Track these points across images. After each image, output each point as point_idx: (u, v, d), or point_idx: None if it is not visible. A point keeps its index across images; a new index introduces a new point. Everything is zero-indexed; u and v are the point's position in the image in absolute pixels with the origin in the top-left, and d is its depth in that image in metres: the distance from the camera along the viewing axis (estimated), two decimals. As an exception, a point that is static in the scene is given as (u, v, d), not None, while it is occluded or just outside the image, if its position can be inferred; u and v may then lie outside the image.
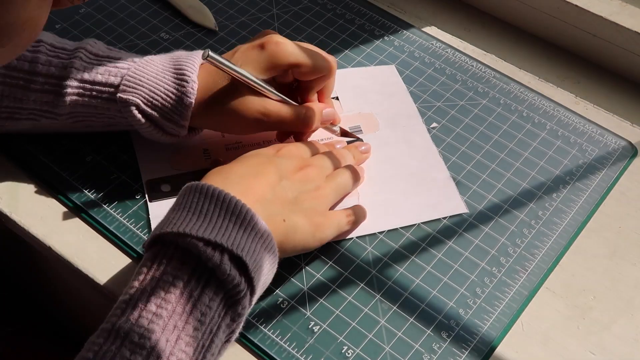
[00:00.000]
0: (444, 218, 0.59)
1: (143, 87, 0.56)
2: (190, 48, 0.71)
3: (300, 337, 0.52)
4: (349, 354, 0.51)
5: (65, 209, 0.59)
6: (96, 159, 0.62)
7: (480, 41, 0.73)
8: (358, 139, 0.63)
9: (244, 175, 0.51)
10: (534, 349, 0.52)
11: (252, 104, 0.56)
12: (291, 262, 0.56)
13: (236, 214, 0.46)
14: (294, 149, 0.56)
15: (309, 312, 0.53)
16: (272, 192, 0.51)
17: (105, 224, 0.58)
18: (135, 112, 0.55)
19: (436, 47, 0.72)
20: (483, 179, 0.61)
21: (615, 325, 0.54)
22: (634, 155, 0.64)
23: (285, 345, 0.52)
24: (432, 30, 0.74)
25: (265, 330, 0.52)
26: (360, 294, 0.54)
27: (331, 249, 0.57)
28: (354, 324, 0.53)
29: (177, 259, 0.45)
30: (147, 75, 0.56)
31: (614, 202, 0.61)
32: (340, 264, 0.56)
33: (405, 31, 0.73)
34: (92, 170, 0.61)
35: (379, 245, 0.57)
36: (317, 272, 0.55)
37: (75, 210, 0.59)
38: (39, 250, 0.58)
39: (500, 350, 0.52)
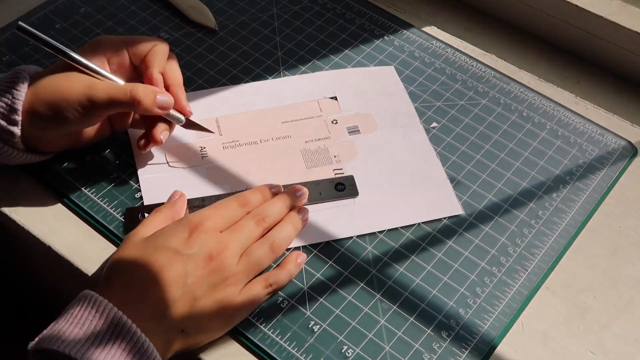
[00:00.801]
0: (444, 218, 0.59)
1: None
2: (190, 48, 0.71)
3: (300, 336, 0.52)
4: (349, 353, 0.51)
5: (65, 209, 0.59)
6: (96, 159, 0.62)
7: (480, 41, 0.73)
8: (209, 131, 0.62)
9: (143, 282, 0.48)
10: (534, 349, 0.52)
11: (76, 80, 0.55)
12: (291, 262, 0.56)
13: (127, 339, 0.45)
14: (208, 228, 0.51)
15: (309, 312, 0.53)
16: (171, 302, 0.48)
17: (105, 224, 0.58)
18: None
19: (436, 47, 0.72)
20: (483, 179, 0.61)
21: (615, 325, 0.54)
22: (634, 155, 0.64)
23: (285, 345, 0.52)
24: (432, 30, 0.74)
25: (265, 330, 0.52)
26: (360, 294, 0.54)
27: (331, 249, 0.57)
28: (354, 323, 0.53)
29: None
30: None
31: (614, 202, 0.61)
32: (340, 264, 0.56)
33: (405, 31, 0.73)
34: (92, 170, 0.61)
35: (379, 245, 0.57)
36: (317, 272, 0.55)
37: (75, 210, 0.59)
38: (39, 250, 0.58)
39: (500, 349, 0.52)
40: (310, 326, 0.53)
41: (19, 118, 0.54)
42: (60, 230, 0.58)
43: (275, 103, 0.66)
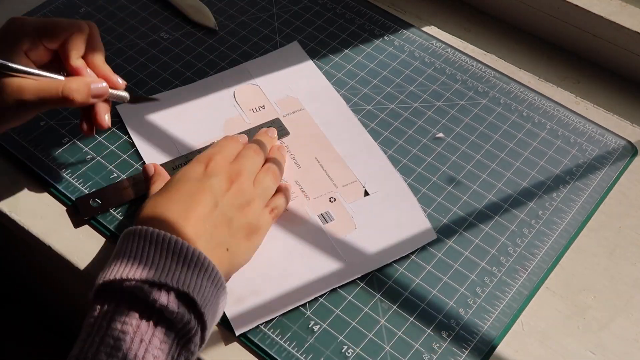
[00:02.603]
0: (444, 218, 0.59)
1: None
2: (190, 47, 0.71)
3: (300, 336, 0.52)
4: (349, 353, 0.51)
5: (65, 209, 0.59)
6: (96, 158, 0.62)
7: (480, 41, 0.73)
8: (154, 99, 0.63)
9: (179, 211, 0.50)
10: (534, 349, 0.52)
11: (5, 87, 0.52)
12: (291, 262, 0.56)
13: (177, 252, 0.46)
14: (220, 160, 0.55)
15: (309, 312, 0.53)
16: (210, 222, 0.50)
17: (105, 224, 0.58)
18: None
19: (436, 47, 0.72)
20: (483, 179, 0.61)
21: (615, 325, 0.54)
22: (634, 155, 0.64)
23: (285, 345, 0.52)
24: (432, 30, 0.74)
25: (265, 330, 0.52)
26: (360, 294, 0.54)
27: (331, 249, 0.57)
28: (354, 323, 0.53)
29: (124, 305, 0.44)
30: None
31: (614, 202, 0.61)
32: (340, 264, 0.56)
33: (405, 31, 0.73)
34: (92, 169, 0.61)
35: (379, 245, 0.57)
36: (317, 272, 0.55)
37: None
38: (39, 250, 0.58)
39: (500, 349, 0.52)
40: (310, 326, 0.53)
41: None
42: (60, 229, 0.58)
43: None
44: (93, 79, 0.55)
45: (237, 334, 0.52)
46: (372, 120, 0.65)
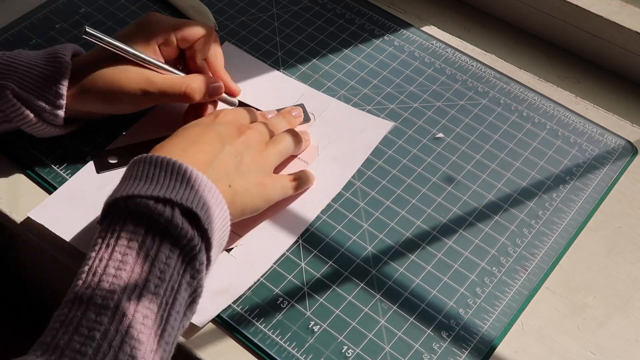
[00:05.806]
0: (445, 217, 0.59)
1: (16, 72, 0.57)
2: (190, 48, 0.71)
3: (300, 336, 0.52)
4: (349, 353, 0.51)
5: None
6: (96, 159, 0.62)
7: (480, 41, 0.73)
8: (258, 110, 0.63)
9: (186, 145, 0.52)
10: (533, 349, 0.52)
11: (134, 74, 0.57)
12: (291, 261, 0.56)
13: (181, 174, 0.48)
14: (231, 115, 0.57)
15: (309, 312, 0.53)
16: (215, 159, 0.52)
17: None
18: (11, 96, 0.56)
19: (436, 47, 0.72)
20: (483, 179, 0.61)
21: (615, 325, 0.54)
22: (634, 154, 0.64)
23: (285, 345, 0.52)
24: (432, 30, 0.74)
25: (265, 330, 0.52)
26: (360, 294, 0.54)
27: (331, 248, 0.57)
28: (354, 323, 0.53)
29: (130, 222, 0.45)
30: (19, 61, 0.57)
31: (613, 202, 0.61)
32: (340, 264, 0.56)
33: (405, 31, 0.73)
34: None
35: (379, 245, 0.57)
36: (316, 272, 0.55)
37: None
38: (39, 250, 0.58)
39: (500, 349, 0.52)
40: (310, 326, 0.53)
41: (63, 102, 0.57)
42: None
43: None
44: (211, 79, 0.61)
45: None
46: (372, 120, 0.65)
